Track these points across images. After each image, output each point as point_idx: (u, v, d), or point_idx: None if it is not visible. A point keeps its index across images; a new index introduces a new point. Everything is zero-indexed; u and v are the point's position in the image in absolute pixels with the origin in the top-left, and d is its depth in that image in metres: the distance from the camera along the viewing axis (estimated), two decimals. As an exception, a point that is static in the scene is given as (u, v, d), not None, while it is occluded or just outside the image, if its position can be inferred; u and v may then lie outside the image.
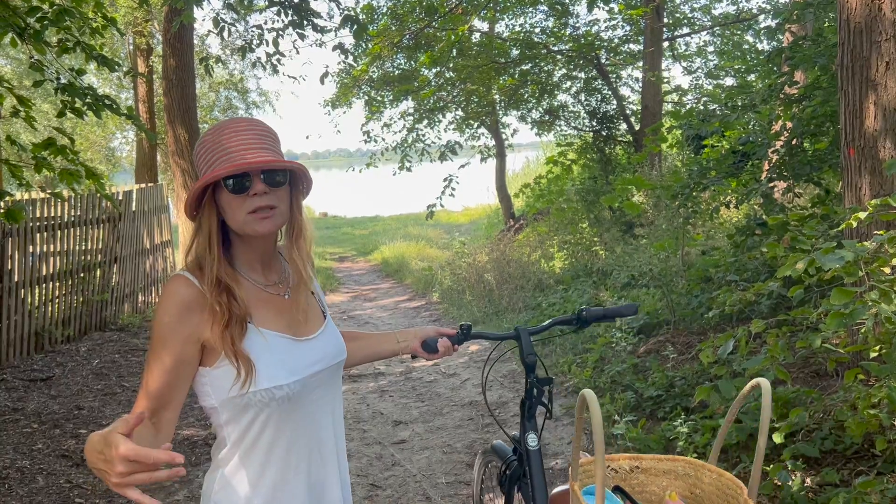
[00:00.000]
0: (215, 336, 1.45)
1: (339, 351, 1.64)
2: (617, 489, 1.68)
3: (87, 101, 4.49)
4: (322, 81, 8.32)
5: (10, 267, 6.50)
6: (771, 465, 3.31)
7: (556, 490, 2.13)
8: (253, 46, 6.89)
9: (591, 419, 1.35)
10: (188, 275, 1.47)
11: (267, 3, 6.73)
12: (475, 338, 2.09)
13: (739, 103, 5.47)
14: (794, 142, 5.45)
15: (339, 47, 7.35)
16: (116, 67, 4.71)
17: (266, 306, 1.54)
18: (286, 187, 1.51)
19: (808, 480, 3.21)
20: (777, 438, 3.22)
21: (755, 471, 1.47)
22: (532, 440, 2.00)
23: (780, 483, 3.19)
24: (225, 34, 6.65)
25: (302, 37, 6.60)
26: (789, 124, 5.41)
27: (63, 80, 4.51)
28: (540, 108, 13.28)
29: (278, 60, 7.01)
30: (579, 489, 1.52)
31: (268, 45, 6.86)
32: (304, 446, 1.56)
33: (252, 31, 7.25)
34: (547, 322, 2.17)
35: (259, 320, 1.51)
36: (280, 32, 6.67)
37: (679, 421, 4.05)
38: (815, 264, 2.14)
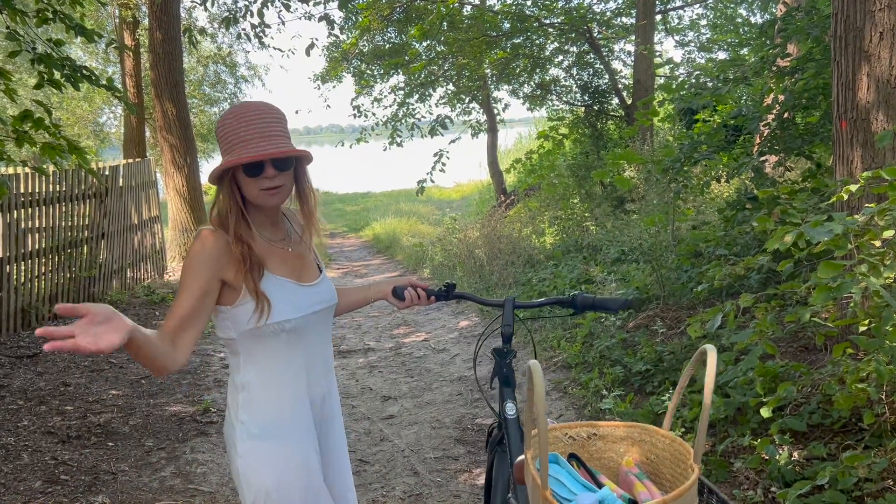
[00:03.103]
0: (238, 278, 1.80)
1: (332, 296, 2.03)
2: (572, 456, 1.67)
3: (65, 72, 4.38)
4: (308, 53, 8.17)
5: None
6: (758, 440, 3.30)
7: (519, 458, 2.14)
8: (238, 18, 6.75)
9: (534, 391, 1.37)
10: (215, 228, 1.82)
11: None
12: (458, 297, 2.19)
13: (731, 76, 5.40)
14: (785, 115, 5.41)
15: (325, 18, 7.22)
16: (96, 38, 4.59)
17: (274, 256, 1.90)
18: (292, 168, 1.86)
19: (795, 454, 3.21)
20: (765, 413, 3.21)
21: (700, 435, 1.46)
22: (510, 409, 2.02)
23: (767, 457, 3.19)
24: (209, 5, 6.51)
25: (287, 7, 6.48)
26: (781, 97, 5.35)
27: (40, 51, 4.39)
28: (532, 83, 13.16)
29: (263, 32, 6.88)
30: (532, 458, 1.52)
31: (253, 16, 6.74)
32: (308, 368, 1.93)
33: (238, 3, 7.11)
34: (541, 299, 2.20)
35: (270, 267, 1.87)
36: (265, 3, 6.54)
37: (667, 395, 4.04)
38: (804, 237, 2.11)
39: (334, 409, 2.08)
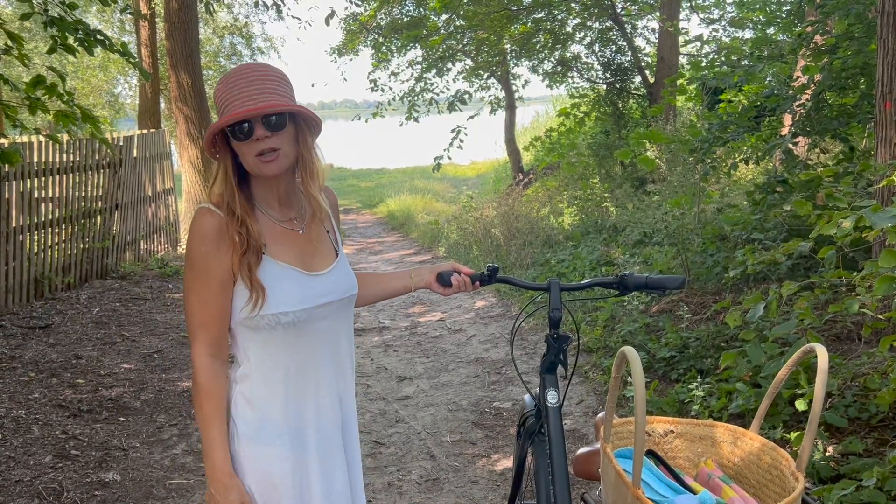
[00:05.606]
0: (234, 262, 1.61)
1: (349, 286, 1.77)
2: (650, 453, 1.56)
3: (79, 36, 4.25)
4: (327, 22, 7.99)
5: (6, 211, 6.33)
6: (791, 433, 3.17)
7: (582, 450, 2.02)
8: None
9: (633, 378, 1.24)
10: (211, 207, 1.63)
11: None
12: (501, 281, 2.04)
13: (766, 53, 5.19)
14: (820, 95, 5.20)
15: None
16: (111, 2, 4.45)
17: (279, 239, 1.68)
18: (290, 129, 1.62)
19: (829, 449, 3.08)
20: (800, 405, 3.08)
21: (807, 443, 1.32)
22: (552, 397, 1.91)
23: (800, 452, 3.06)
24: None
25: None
26: (818, 76, 5.15)
27: (52, 14, 4.26)
28: (552, 59, 12.90)
29: (282, 0, 6.70)
30: (611, 451, 1.40)
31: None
32: (311, 369, 1.70)
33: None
34: (585, 281, 2.09)
35: (272, 252, 1.65)
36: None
37: (694, 384, 3.91)
38: (864, 222, 1.95)
39: (348, 421, 1.82)
